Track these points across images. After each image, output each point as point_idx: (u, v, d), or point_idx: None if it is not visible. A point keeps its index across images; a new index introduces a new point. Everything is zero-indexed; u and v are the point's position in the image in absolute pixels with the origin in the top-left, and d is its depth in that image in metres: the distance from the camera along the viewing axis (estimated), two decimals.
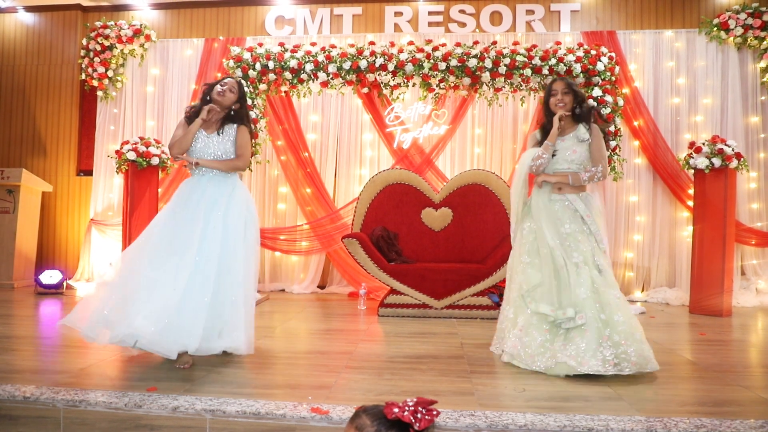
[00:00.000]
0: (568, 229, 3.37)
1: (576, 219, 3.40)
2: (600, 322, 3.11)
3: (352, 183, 6.64)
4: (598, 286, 3.23)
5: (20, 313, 4.84)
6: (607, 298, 3.17)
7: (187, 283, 3.06)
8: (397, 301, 5.01)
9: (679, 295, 5.98)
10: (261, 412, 2.32)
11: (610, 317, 3.11)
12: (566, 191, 3.43)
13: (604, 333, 3.08)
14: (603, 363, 2.99)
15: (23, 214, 6.54)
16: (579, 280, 3.24)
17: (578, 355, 3.04)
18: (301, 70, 5.96)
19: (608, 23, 6.63)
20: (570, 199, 3.41)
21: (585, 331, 3.10)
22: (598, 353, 3.03)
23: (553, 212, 3.42)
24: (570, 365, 3.01)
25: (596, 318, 3.12)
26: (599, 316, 3.13)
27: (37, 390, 2.52)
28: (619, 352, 3.02)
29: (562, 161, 3.45)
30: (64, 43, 7.22)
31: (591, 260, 3.31)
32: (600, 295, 3.19)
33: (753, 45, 6.21)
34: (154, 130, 6.90)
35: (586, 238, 3.36)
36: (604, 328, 3.10)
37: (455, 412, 2.33)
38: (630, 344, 3.02)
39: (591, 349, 3.04)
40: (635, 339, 3.06)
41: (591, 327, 3.10)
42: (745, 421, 2.28)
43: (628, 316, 3.15)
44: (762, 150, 6.27)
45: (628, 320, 3.12)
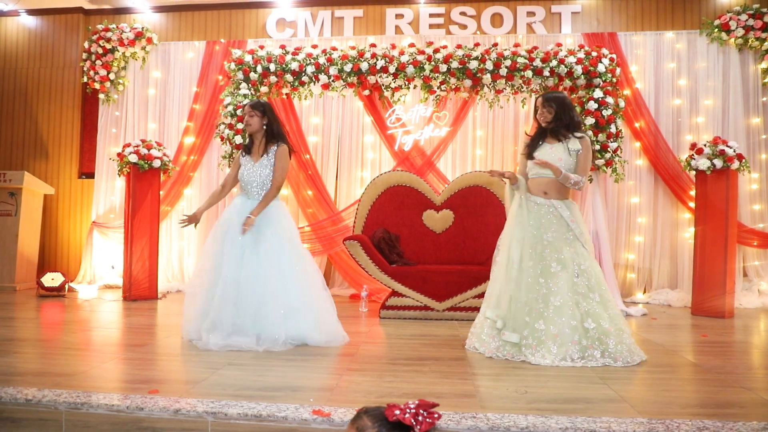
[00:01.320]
0: (551, 237, 3.54)
1: (561, 225, 3.57)
2: (581, 330, 3.36)
3: (354, 185, 6.65)
4: (581, 291, 3.45)
5: (22, 316, 4.85)
6: (590, 305, 3.42)
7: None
8: (399, 303, 5.00)
9: (681, 296, 5.97)
10: (263, 415, 2.32)
11: (598, 324, 3.37)
12: (551, 196, 3.61)
13: (573, 338, 3.34)
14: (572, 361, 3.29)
15: (25, 216, 6.55)
16: (554, 288, 3.45)
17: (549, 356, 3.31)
18: (302, 73, 5.96)
19: (609, 25, 6.63)
20: (555, 206, 3.58)
21: (556, 336, 3.34)
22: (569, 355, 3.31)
23: (539, 217, 3.59)
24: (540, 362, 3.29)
25: (576, 327, 3.36)
26: (582, 325, 3.38)
27: (39, 392, 2.53)
28: (586, 355, 3.33)
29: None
30: (66, 46, 7.24)
31: (571, 266, 3.49)
32: (583, 303, 3.43)
33: (754, 46, 6.20)
34: (155, 132, 6.91)
35: (568, 245, 3.54)
36: (585, 334, 3.36)
37: (457, 414, 2.33)
38: (599, 346, 3.34)
39: (561, 353, 3.30)
40: (623, 341, 3.36)
41: (563, 333, 3.35)
42: (748, 423, 2.28)
43: (615, 318, 3.43)
44: (764, 151, 6.26)
45: (616, 324, 3.40)
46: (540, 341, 3.36)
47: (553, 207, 3.58)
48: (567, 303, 3.40)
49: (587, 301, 3.43)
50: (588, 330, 3.36)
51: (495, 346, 3.51)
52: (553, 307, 3.40)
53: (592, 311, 3.40)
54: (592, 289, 3.46)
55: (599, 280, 3.51)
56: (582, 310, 3.41)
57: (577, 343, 3.33)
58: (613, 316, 3.43)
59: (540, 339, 3.37)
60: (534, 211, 3.61)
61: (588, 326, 3.36)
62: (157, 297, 5.98)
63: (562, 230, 3.56)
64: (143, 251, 5.91)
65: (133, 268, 5.86)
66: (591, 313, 3.40)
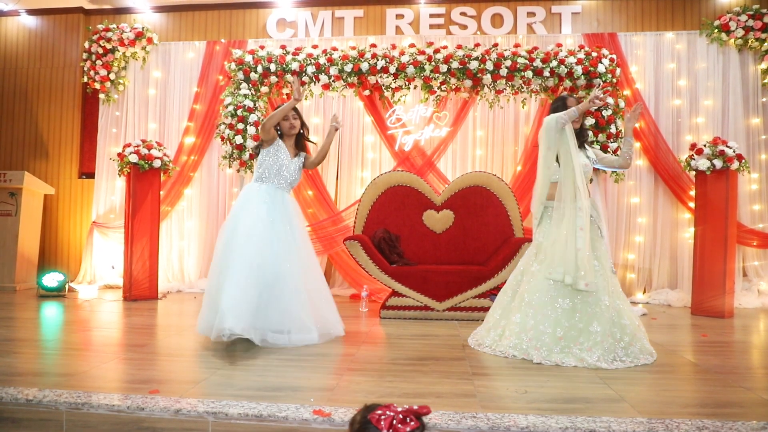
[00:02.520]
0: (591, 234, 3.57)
1: (593, 226, 3.60)
2: (620, 326, 3.40)
3: (354, 185, 6.65)
4: (614, 289, 3.51)
5: (22, 316, 4.85)
6: (623, 303, 3.49)
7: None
8: (399, 303, 5.01)
9: (681, 296, 5.98)
10: (263, 415, 2.32)
11: (631, 321, 3.44)
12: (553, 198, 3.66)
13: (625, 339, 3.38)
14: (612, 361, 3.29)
15: (25, 216, 6.55)
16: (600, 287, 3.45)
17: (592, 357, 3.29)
18: (302, 73, 5.97)
19: (609, 25, 6.64)
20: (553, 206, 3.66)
21: (601, 342, 3.32)
22: (609, 356, 3.30)
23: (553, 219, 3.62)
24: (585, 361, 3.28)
25: (616, 323, 3.41)
26: (620, 321, 3.41)
27: (40, 393, 2.53)
28: (628, 351, 3.36)
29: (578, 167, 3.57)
30: (66, 46, 7.25)
31: (607, 263, 3.55)
32: (617, 301, 3.47)
33: (754, 47, 6.21)
34: (156, 132, 6.92)
35: (600, 242, 3.60)
36: (624, 333, 3.39)
37: (457, 414, 2.34)
38: (635, 343, 3.38)
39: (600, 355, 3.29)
40: (639, 338, 3.42)
41: (605, 336, 3.35)
42: (747, 422, 2.28)
43: (632, 318, 3.47)
44: (763, 151, 6.27)
45: (632, 322, 3.44)
46: (596, 342, 3.32)
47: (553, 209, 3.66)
48: (609, 302, 3.43)
49: (620, 299, 3.50)
50: (625, 326, 3.40)
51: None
52: (604, 306, 3.39)
53: (624, 309, 3.47)
54: (618, 286, 3.57)
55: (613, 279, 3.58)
56: (617, 307, 3.45)
57: (620, 340, 3.37)
58: (632, 314, 3.52)
59: (596, 341, 3.32)
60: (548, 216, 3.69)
61: (625, 323, 3.41)
62: (158, 297, 5.98)
63: (595, 230, 3.61)
64: (143, 251, 5.92)
65: (134, 268, 5.87)
66: (623, 310, 3.46)
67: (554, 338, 3.36)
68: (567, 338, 3.35)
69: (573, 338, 3.35)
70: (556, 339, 3.36)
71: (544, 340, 3.37)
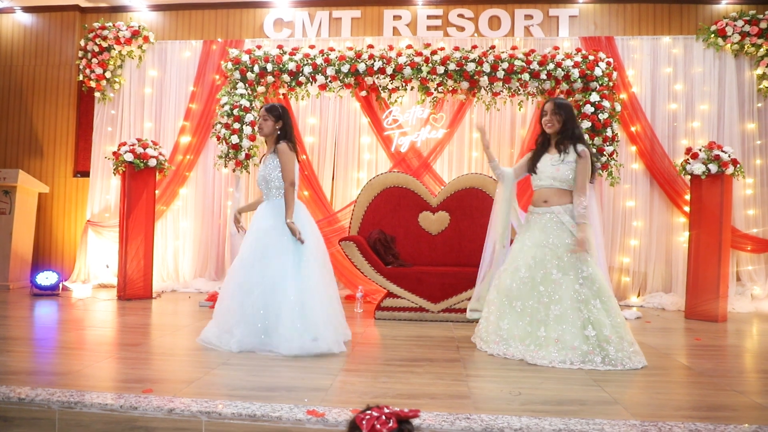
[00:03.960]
0: (551, 242, 3.57)
1: (562, 230, 3.58)
2: (581, 337, 3.38)
3: (350, 186, 6.65)
4: (582, 298, 3.46)
5: (16, 315, 4.82)
6: (591, 312, 3.42)
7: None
8: (394, 305, 5.01)
9: (675, 300, 5.99)
10: (257, 415, 2.31)
11: (599, 331, 3.37)
12: (552, 203, 3.64)
13: (583, 347, 3.36)
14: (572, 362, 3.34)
15: (19, 215, 6.53)
16: (555, 297, 3.48)
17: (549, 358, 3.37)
18: (299, 73, 5.96)
19: (606, 29, 6.66)
20: (555, 212, 3.61)
21: (557, 341, 3.39)
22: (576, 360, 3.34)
23: (541, 225, 3.64)
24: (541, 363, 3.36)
25: (576, 334, 3.38)
26: (582, 332, 3.38)
27: (33, 391, 2.52)
28: (592, 357, 3.35)
29: (546, 178, 3.67)
30: (61, 43, 7.22)
31: (573, 272, 3.51)
32: (584, 310, 3.44)
33: (750, 52, 6.24)
34: (151, 131, 6.90)
35: (569, 251, 3.54)
36: (585, 341, 3.37)
37: (451, 415, 2.34)
38: (605, 349, 3.35)
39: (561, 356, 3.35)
40: (623, 348, 3.36)
41: (563, 339, 3.38)
42: (740, 426, 2.29)
43: (617, 326, 3.40)
44: (758, 156, 6.30)
45: (618, 332, 3.39)
46: (541, 346, 3.42)
47: (553, 214, 3.61)
48: (567, 311, 3.42)
49: (588, 308, 3.43)
50: (588, 337, 3.37)
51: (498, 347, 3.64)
52: (554, 316, 3.44)
53: (594, 318, 3.40)
54: (594, 295, 3.45)
55: (602, 287, 3.48)
56: (583, 317, 3.42)
57: (577, 348, 3.34)
58: (615, 324, 3.40)
59: (541, 344, 3.42)
60: (537, 221, 3.68)
61: (588, 333, 3.38)
62: (152, 296, 5.96)
63: (563, 236, 3.56)
64: (138, 250, 5.90)
65: (128, 267, 5.85)
66: (592, 320, 3.40)
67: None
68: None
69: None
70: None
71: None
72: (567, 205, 3.62)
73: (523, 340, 3.50)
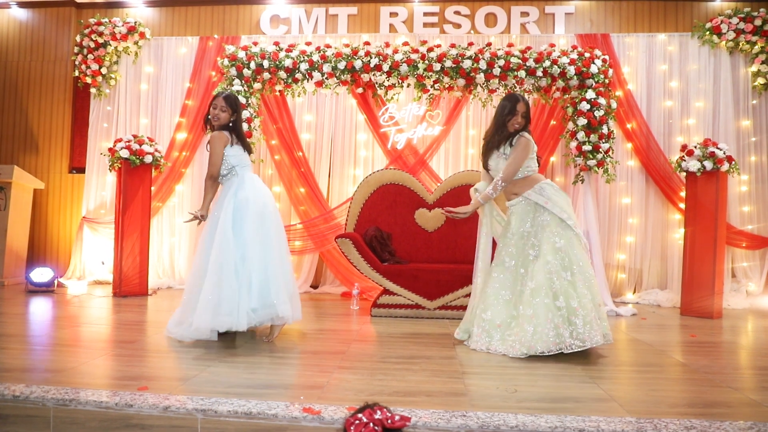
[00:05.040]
0: (528, 227, 3.68)
1: (536, 211, 3.67)
2: (553, 308, 3.42)
3: (346, 183, 6.64)
4: (554, 269, 3.49)
5: (10, 311, 4.81)
6: (562, 284, 3.47)
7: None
8: (390, 302, 5.01)
9: (671, 296, 6.02)
10: (253, 412, 2.31)
11: (567, 303, 3.43)
12: (521, 192, 3.73)
13: (555, 320, 3.40)
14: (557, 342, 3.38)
15: (14, 211, 6.50)
16: (530, 273, 3.56)
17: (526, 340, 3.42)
18: (295, 70, 5.95)
19: (602, 26, 6.66)
20: (527, 196, 3.69)
21: (532, 317, 3.44)
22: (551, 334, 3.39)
23: (517, 216, 3.73)
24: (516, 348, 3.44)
25: (549, 305, 3.43)
26: (554, 303, 3.44)
27: (27, 389, 2.51)
28: (573, 332, 3.39)
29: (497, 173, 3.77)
30: (57, 39, 7.19)
31: (546, 246, 3.55)
32: (556, 281, 3.47)
33: (745, 49, 6.25)
34: (147, 128, 6.88)
35: (543, 228, 3.61)
36: (557, 312, 3.42)
37: (447, 413, 2.34)
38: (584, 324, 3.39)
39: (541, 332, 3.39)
40: (589, 321, 3.40)
41: (538, 314, 3.42)
42: (735, 422, 2.30)
43: (582, 297, 3.44)
44: (753, 153, 6.32)
45: (583, 304, 3.43)
46: (519, 325, 3.49)
47: (526, 199, 3.70)
48: (541, 284, 3.47)
49: (560, 280, 3.48)
50: (559, 308, 3.42)
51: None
52: (529, 290, 3.50)
53: (563, 289, 3.46)
54: (565, 267, 3.51)
55: (575, 258, 3.52)
56: (555, 288, 3.47)
57: (551, 321, 3.39)
58: (581, 294, 3.45)
59: (519, 324, 3.49)
60: (513, 212, 3.77)
61: (559, 305, 3.43)
62: (148, 293, 5.95)
63: (538, 216, 3.65)
64: (134, 247, 5.89)
65: (124, 264, 5.83)
66: (562, 291, 3.46)
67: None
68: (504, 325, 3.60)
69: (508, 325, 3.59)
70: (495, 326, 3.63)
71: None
72: (538, 185, 3.70)
73: (504, 326, 3.58)
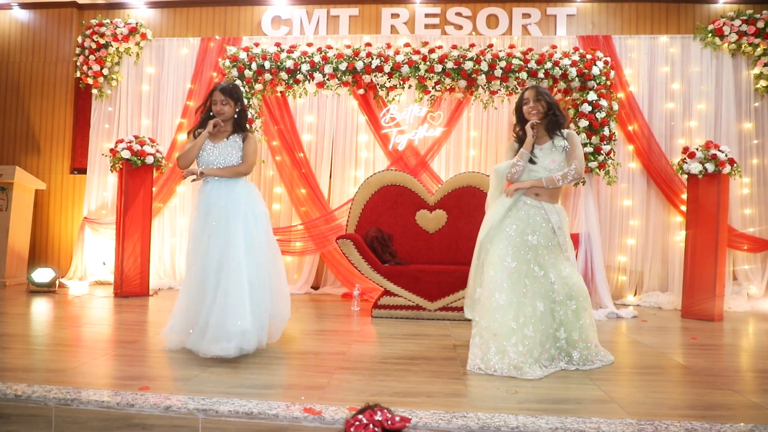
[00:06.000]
0: (536, 240, 3.39)
1: (547, 229, 3.42)
2: (552, 338, 3.33)
3: (347, 184, 6.64)
4: (558, 298, 3.36)
5: (12, 311, 4.81)
6: (566, 314, 3.35)
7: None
8: (391, 303, 5.01)
9: (672, 299, 6.01)
10: (253, 412, 2.31)
11: (569, 335, 3.34)
12: (543, 198, 3.44)
13: (551, 351, 3.31)
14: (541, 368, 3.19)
15: (16, 211, 6.50)
16: (537, 293, 3.33)
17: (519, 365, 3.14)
18: (297, 71, 5.95)
19: (604, 28, 6.66)
20: (545, 208, 3.42)
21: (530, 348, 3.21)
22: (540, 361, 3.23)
23: (527, 217, 3.41)
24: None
25: (550, 335, 3.32)
26: (555, 334, 3.34)
27: (29, 388, 2.51)
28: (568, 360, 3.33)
29: (541, 170, 3.42)
30: (59, 40, 7.20)
31: (552, 272, 3.39)
32: (559, 311, 3.36)
33: (747, 51, 6.25)
34: (148, 128, 6.89)
35: (550, 251, 3.42)
36: (555, 343, 3.33)
37: (447, 414, 2.34)
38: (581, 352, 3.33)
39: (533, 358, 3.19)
40: (588, 349, 3.34)
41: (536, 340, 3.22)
42: (735, 425, 2.30)
43: (584, 328, 3.34)
44: (755, 156, 6.31)
45: (583, 335, 3.34)
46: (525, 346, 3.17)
47: (543, 210, 3.42)
48: (547, 310, 3.33)
49: (564, 310, 3.35)
50: (558, 339, 3.34)
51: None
52: (540, 313, 3.29)
53: (566, 320, 3.34)
54: (569, 296, 3.35)
55: (579, 289, 3.36)
56: (557, 318, 3.35)
57: (547, 351, 3.27)
58: (582, 326, 3.33)
59: (529, 347, 3.17)
60: (523, 210, 3.43)
61: (560, 335, 3.34)
62: (149, 294, 5.95)
63: (548, 235, 3.41)
64: (135, 248, 5.89)
65: (125, 264, 5.84)
66: (564, 322, 3.34)
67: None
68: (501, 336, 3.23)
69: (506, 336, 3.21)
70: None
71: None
72: (557, 206, 3.49)
73: (509, 339, 3.17)
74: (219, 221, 3.48)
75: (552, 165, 3.42)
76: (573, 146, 3.45)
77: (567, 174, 3.39)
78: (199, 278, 3.44)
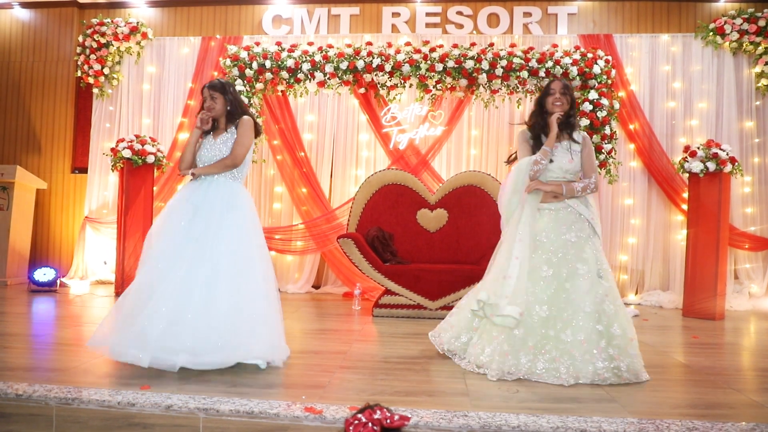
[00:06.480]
0: (573, 237, 3.22)
1: (581, 222, 3.26)
2: (596, 333, 3.02)
3: (348, 183, 6.64)
4: (605, 293, 3.10)
5: (13, 311, 4.82)
6: (605, 307, 3.06)
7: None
8: (392, 302, 5.01)
9: (673, 298, 6.00)
10: (254, 411, 2.31)
11: (607, 328, 3.03)
12: (562, 199, 3.28)
13: (599, 344, 3.00)
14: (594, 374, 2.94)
15: (17, 211, 6.51)
16: (582, 292, 3.09)
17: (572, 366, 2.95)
18: (298, 70, 5.95)
19: (605, 26, 6.65)
20: (572, 204, 3.27)
21: (582, 342, 2.99)
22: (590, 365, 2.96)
23: (556, 221, 3.25)
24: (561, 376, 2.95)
25: (603, 332, 3.02)
26: (596, 327, 3.02)
27: (30, 388, 2.51)
28: (611, 366, 2.96)
29: (557, 170, 3.30)
30: (60, 39, 7.20)
31: (594, 266, 3.16)
32: (609, 305, 3.07)
33: (748, 50, 6.24)
34: (149, 128, 6.89)
35: (589, 243, 3.22)
36: (599, 340, 3.01)
37: (448, 413, 2.34)
38: (623, 359, 2.97)
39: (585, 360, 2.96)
40: (629, 354, 2.98)
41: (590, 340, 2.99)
42: (737, 423, 2.29)
43: (624, 326, 3.04)
44: (756, 154, 6.30)
45: (624, 332, 3.02)
46: (564, 351, 3.00)
47: (569, 207, 3.26)
48: (595, 307, 3.05)
49: (614, 304, 3.09)
50: (614, 336, 3.00)
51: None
52: (583, 313, 3.04)
53: (618, 314, 3.06)
54: (612, 289, 3.13)
55: (614, 281, 3.20)
56: (609, 313, 3.06)
57: (603, 350, 2.99)
58: (626, 322, 3.08)
59: (565, 349, 3.00)
60: (548, 216, 3.27)
61: (614, 332, 3.01)
62: None
63: (584, 229, 3.25)
64: (136, 247, 5.88)
65: (126, 263, 5.84)
66: (617, 316, 3.06)
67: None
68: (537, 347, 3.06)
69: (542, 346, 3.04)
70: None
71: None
72: (583, 198, 3.32)
73: (540, 348, 3.02)
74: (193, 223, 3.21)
75: (569, 165, 3.30)
76: (590, 152, 3.35)
77: (587, 186, 3.28)
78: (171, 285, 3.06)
